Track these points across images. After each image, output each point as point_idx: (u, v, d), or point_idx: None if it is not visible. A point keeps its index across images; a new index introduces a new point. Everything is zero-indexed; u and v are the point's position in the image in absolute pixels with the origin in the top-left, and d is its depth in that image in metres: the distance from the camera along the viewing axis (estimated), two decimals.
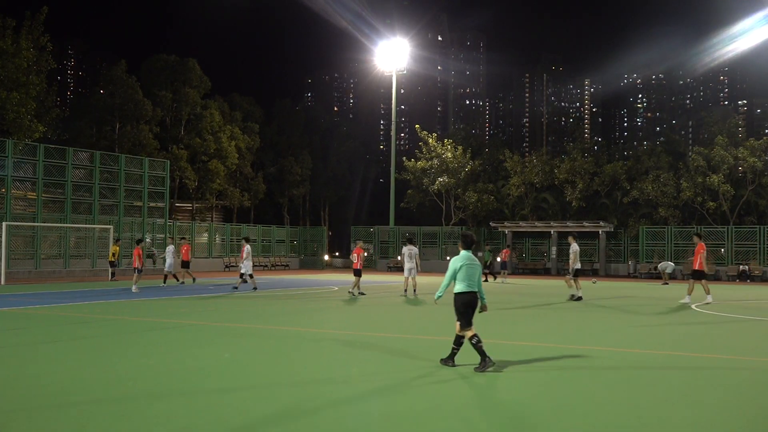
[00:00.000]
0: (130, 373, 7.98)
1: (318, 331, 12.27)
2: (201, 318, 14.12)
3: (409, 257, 21.05)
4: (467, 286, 8.30)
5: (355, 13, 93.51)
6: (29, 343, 10.23)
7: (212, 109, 54.37)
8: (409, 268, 21.05)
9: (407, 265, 21.07)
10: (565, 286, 22.04)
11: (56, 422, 5.77)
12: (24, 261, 31.39)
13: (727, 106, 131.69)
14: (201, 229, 45.44)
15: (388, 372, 8.26)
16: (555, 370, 8.48)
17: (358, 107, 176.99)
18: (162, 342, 10.70)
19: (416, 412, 6.27)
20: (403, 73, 51.44)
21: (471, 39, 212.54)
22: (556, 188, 49.75)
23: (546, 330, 12.91)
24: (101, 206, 34.63)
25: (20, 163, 31.48)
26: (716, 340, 11.86)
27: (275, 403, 6.57)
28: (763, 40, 60.02)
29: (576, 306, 18.30)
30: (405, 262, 21.22)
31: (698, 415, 6.33)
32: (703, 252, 19.01)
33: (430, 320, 14.68)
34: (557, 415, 6.21)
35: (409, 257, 21.05)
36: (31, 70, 33.76)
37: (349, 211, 78.88)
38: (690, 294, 19.22)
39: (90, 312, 15.11)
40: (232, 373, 8.08)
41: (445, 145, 51.29)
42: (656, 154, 48.12)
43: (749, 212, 46.20)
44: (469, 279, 8.30)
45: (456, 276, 8.34)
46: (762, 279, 37.32)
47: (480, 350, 8.18)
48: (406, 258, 21.16)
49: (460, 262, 8.36)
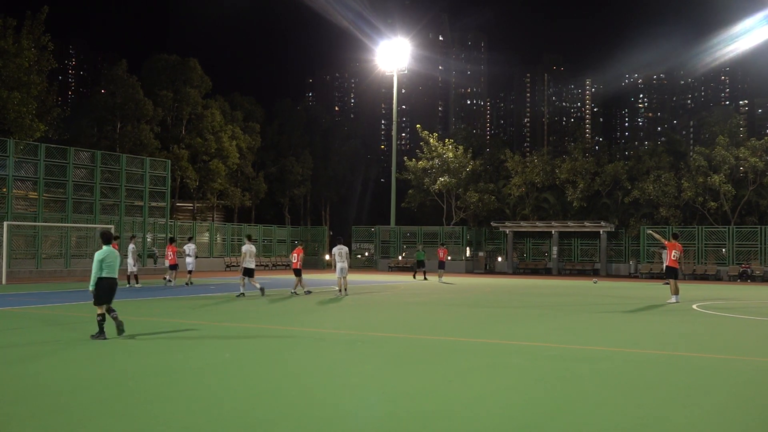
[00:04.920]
0: (130, 372, 7.98)
1: (318, 331, 12.28)
2: (201, 318, 14.12)
3: (339, 257, 20.97)
4: (109, 273, 10.50)
5: (356, 12, 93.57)
6: (29, 343, 10.23)
7: (213, 109, 54.38)
8: (340, 268, 20.92)
9: (339, 265, 20.92)
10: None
11: (56, 422, 5.77)
12: (25, 260, 31.41)
13: (728, 106, 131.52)
14: (202, 229, 45.46)
15: (388, 372, 8.26)
16: (555, 370, 8.48)
17: (359, 107, 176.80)
18: (162, 341, 10.70)
19: (422, 412, 6.27)
20: (404, 73, 51.50)
21: (472, 39, 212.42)
22: (557, 188, 49.73)
23: (546, 330, 12.90)
24: (102, 206, 34.65)
25: (21, 162, 31.51)
26: (716, 340, 11.86)
27: (275, 403, 6.57)
28: (763, 40, 60.02)
29: (576, 306, 18.30)
30: (336, 262, 21.06)
31: (698, 415, 6.33)
32: (675, 251, 19.26)
33: (430, 320, 14.67)
34: (557, 414, 6.21)
35: (339, 257, 20.97)
36: (32, 70, 33.76)
37: (350, 210, 78.90)
38: (676, 294, 19.33)
39: (90, 312, 15.09)
40: (232, 373, 8.08)
41: (446, 145, 51.27)
42: (657, 154, 48.08)
43: (750, 212, 46.16)
44: (110, 268, 10.52)
45: (102, 266, 10.44)
46: (763, 279, 37.28)
47: (100, 325, 10.45)
48: (336, 258, 21.02)
49: (103, 255, 10.51)
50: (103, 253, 10.56)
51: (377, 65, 52.22)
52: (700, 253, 40.36)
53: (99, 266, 10.47)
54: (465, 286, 28.50)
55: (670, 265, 19.64)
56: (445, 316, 15.61)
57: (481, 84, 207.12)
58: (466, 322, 14.38)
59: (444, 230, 48.14)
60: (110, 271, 10.52)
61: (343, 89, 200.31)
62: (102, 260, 10.48)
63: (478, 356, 9.62)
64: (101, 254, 10.54)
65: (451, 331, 12.60)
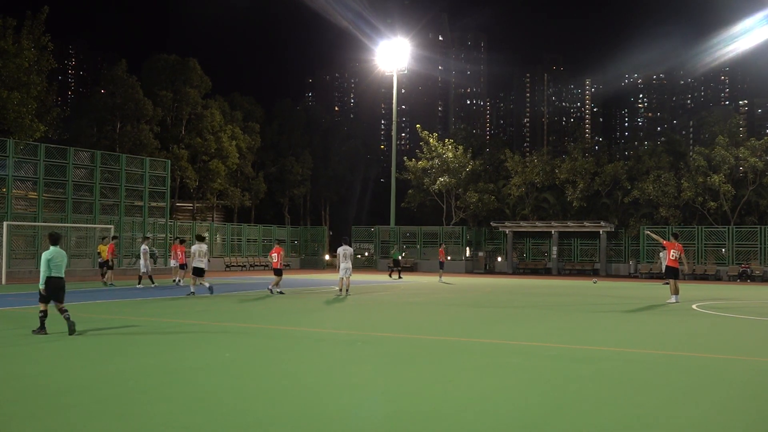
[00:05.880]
0: (130, 372, 7.98)
1: (318, 331, 12.27)
2: (201, 318, 14.12)
3: (344, 257, 21.00)
4: (56, 273, 10.81)
5: (356, 12, 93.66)
6: (29, 343, 10.23)
7: (213, 109, 54.40)
8: (344, 268, 20.93)
9: (343, 265, 20.93)
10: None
11: (56, 422, 5.77)
12: (25, 260, 31.38)
13: (727, 106, 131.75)
14: (202, 229, 45.45)
15: (388, 372, 8.26)
16: (555, 370, 8.48)
17: (359, 107, 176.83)
18: (162, 341, 10.70)
19: (422, 412, 6.27)
20: (404, 73, 51.50)
21: (472, 39, 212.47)
22: (556, 188, 49.74)
23: (546, 330, 12.90)
24: (102, 206, 34.62)
25: (21, 162, 31.49)
26: (716, 340, 11.86)
27: (275, 403, 6.57)
28: (763, 40, 60.04)
29: (576, 306, 18.30)
30: (341, 262, 21.07)
31: (698, 415, 6.33)
32: (675, 251, 19.26)
33: (430, 320, 14.67)
34: (557, 414, 6.21)
35: (344, 257, 21.00)
36: (32, 70, 33.74)
37: (350, 210, 78.91)
38: (676, 294, 19.34)
39: (91, 312, 15.10)
40: (232, 373, 8.08)
41: (446, 145, 51.27)
42: (657, 154, 48.09)
43: (750, 212, 46.18)
44: (58, 268, 10.82)
45: (49, 266, 10.72)
46: (763, 279, 37.28)
47: (42, 321, 10.83)
48: (341, 258, 21.02)
49: (50, 255, 10.77)
50: (50, 253, 10.83)
51: (377, 65, 52.21)
52: (699, 253, 40.37)
53: (47, 266, 10.75)
54: (465, 286, 28.50)
55: (670, 265, 19.65)
56: (445, 316, 15.61)
57: (480, 84, 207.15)
58: (466, 322, 14.37)
59: (444, 230, 48.15)
60: (57, 270, 10.85)
61: (343, 89, 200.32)
62: (49, 260, 10.76)
63: (478, 356, 9.62)
64: (48, 254, 10.80)
65: (451, 331, 12.60)
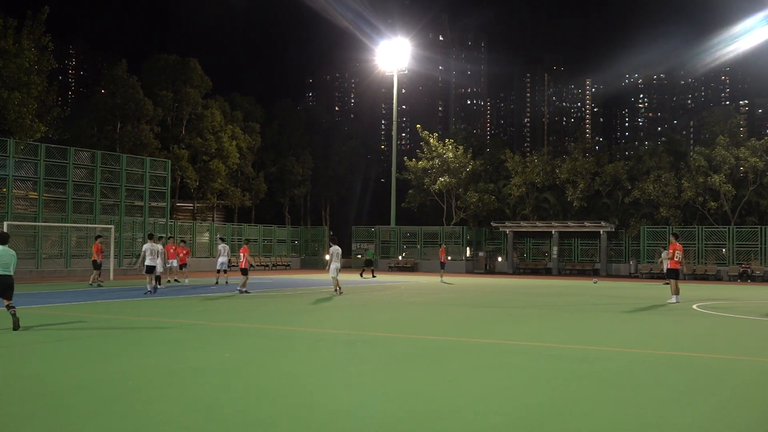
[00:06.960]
0: (130, 372, 7.98)
1: (318, 331, 12.27)
2: (201, 318, 14.12)
3: (336, 257, 21.06)
4: (4, 271, 11.37)
5: (356, 12, 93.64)
6: (29, 343, 10.23)
7: (213, 109, 54.38)
8: (335, 268, 20.98)
9: (334, 265, 20.97)
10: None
11: (56, 422, 5.77)
12: (25, 260, 31.38)
13: (728, 106, 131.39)
14: (202, 229, 45.47)
15: (388, 372, 8.26)
16: (555, 370, 8.48)
17: (359, 107, 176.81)
18: (162, 341, 10.70)
19: (422, 412, 6.27)
20: (404, 73, 51.50)
21: (472, 39, 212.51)
22: (557, 188, 49.74)
23: (546, 330, 12.90)
24: (102, 206, 34.65)
25: (21, 162, 31.51)
26: (716, 340, 11.86)
27: (275, 403, 6.57)
28: (764, 40, 60.00)
29: (576, 306, 18.30)
30: (333, 261, 21.11)
31: (699, 415, 6.33)
32: (676, 251, 19.29)
33: (430, 320, 14.67)
34: (558, 414, 6.21)
35: (336, 257, 21.06)
36: (33, 70, 33.73)
37: (351, 211, 78.87)
38: (676, 294, 19.35)
39: (91, 311, 15.11)
40: (232, 373, 8.08)
41: (446, 145, 51.28)
42: (657, 154, 48.08)
43: (750, 212, 46.16)
44: (5, 266, 11.37)
45: None
46: (763, 279, 37.28)
47: (14, 315, 11.34)
48: (334, 258, 21.08)
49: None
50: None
51: (377, 65, 52.24)
52: (700, 253, 40.37)
53: None
54: (465, 286, 28.51)
55: (671, 265, 19.67)
56: (445, 316, 15.61)
57: (481, 84, 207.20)
58: (466, 322, 14.38)
59: (444, 230, 48.16)
60: (5, 269, 11.40)
61: (343, 89, 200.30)
62: None
63: (478, 356, 9.62)
64: None
65: (451, 331, 12.60)
